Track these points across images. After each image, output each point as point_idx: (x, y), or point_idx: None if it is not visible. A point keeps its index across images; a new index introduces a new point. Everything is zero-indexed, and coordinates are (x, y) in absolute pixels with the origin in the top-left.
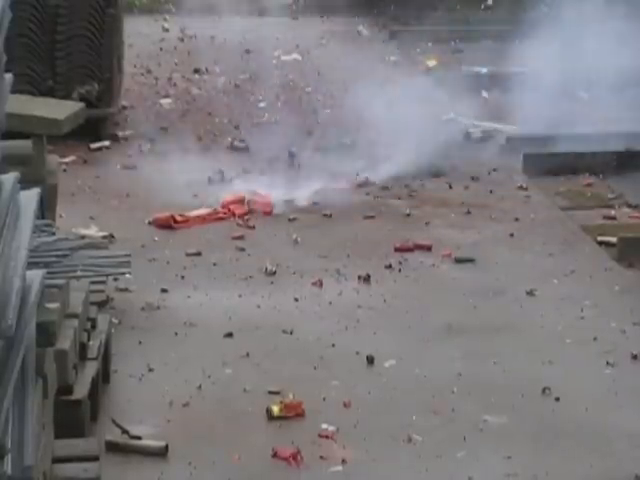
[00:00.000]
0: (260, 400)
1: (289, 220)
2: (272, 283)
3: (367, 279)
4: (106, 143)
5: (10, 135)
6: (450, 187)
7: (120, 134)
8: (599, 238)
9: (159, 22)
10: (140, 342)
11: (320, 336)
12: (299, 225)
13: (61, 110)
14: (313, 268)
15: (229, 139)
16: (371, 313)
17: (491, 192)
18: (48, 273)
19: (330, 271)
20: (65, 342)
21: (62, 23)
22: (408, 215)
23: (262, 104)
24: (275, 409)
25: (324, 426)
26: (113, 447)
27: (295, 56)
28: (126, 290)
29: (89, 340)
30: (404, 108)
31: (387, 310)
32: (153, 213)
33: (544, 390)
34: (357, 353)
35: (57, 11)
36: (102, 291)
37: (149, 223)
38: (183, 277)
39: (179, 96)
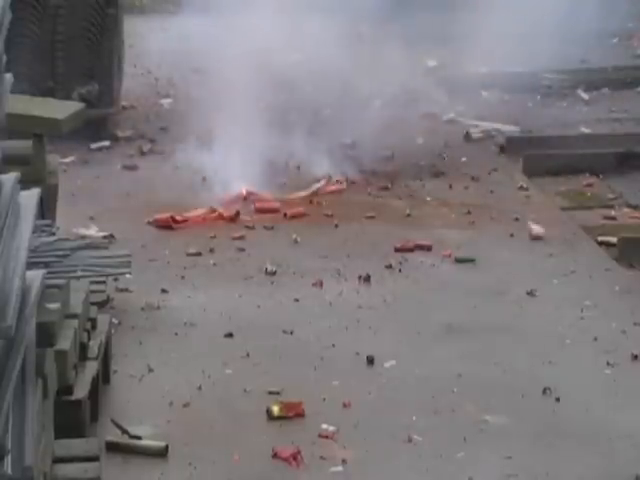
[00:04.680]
0: (260, 400)
1: (289, 220)
2: (272, 283)
3: (367, 279)
4: (106, 143)
5: (10, 135)
6: (450, 187)
7: (120, 134)
8: (599, 238)
9: (159, 22)
10: (140, 342)
11: (320, 336)
12: (299, 225)
13: (61, 110)
14: (313, 268)
15: (229, 139)
16: (371, 313)
17: (491, 192)
18: (48, 273)
19: (330, 271)
20: (65, 342)
21: (62, 23)
22: (408, 215)
23: (263, 104)
24: (275, 409)
25: (324, 426)
26: (113, 447)
27: (296, 56)
28: (126, 290)
29: (89, 340)
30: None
31: (387, 310)
32: (153, 213)
33: (544, 390)
34: (357, 353)
35: (57, 11)
36: (102, 291)
37: (149, 223)
38: (183, 277)
39: (179, 96)
